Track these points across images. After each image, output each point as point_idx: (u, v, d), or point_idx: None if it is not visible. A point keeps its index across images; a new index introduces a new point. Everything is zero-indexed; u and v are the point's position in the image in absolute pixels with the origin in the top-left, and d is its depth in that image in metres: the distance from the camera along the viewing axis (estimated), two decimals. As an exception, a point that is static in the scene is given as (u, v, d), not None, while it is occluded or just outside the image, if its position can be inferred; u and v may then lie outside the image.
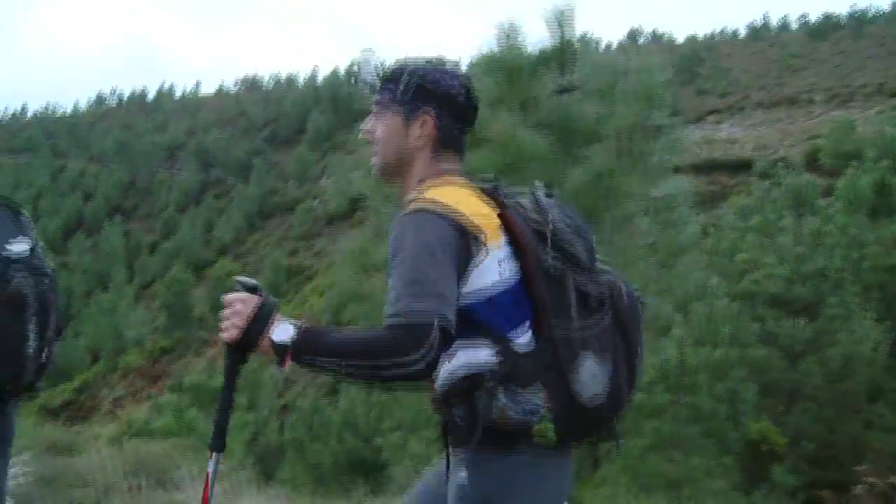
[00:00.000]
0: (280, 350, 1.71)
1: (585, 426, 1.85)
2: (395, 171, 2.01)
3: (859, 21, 63.68)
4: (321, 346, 1.69)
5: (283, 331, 1.72)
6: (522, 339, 1.84)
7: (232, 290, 1.80)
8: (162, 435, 9.33)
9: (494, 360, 1.80)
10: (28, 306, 2.18)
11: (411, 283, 1.70)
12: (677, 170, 6.44)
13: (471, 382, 1.80)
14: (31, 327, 2.19)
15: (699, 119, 48.56)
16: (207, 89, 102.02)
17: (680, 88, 52.98)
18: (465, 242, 1.78)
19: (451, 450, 1.95)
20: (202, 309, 40.36)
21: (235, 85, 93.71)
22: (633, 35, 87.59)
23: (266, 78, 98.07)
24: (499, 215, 1.87)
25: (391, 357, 1.64)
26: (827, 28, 64.43)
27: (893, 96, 41.95)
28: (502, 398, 1.78)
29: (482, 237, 1.80)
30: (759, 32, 72.25)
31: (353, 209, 49.61)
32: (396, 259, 1.75)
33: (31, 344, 2.18)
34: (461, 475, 1.86)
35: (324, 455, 11.41)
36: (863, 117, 38.93)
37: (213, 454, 1.93)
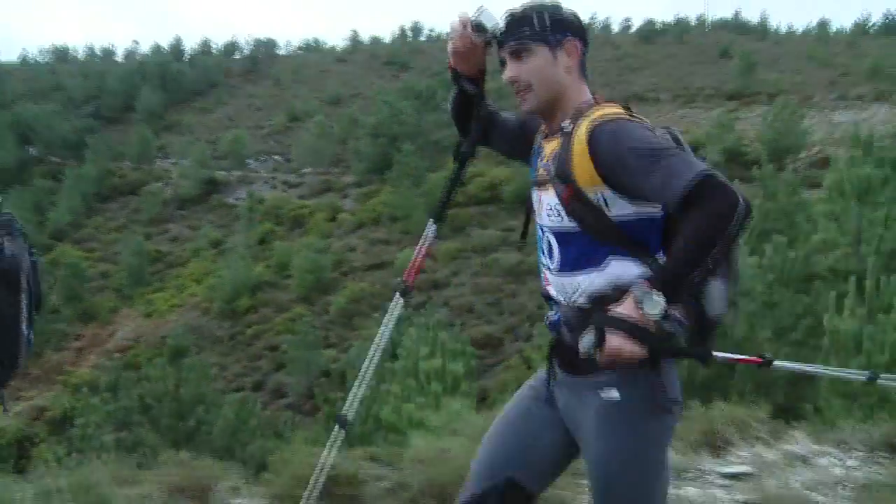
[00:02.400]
0: (665, 317, 1.81)
1: (706, 338, 2.01)
2: (550, 105, 2.08)
3: (680, 29, 68.89)
4: (680, 274, 1.81)
5: (653, 305, 1.80)
6: (664, 259, 1.97)
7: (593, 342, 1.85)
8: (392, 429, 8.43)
9: (641, 274, 1.93)
10: (21, 279, 1.85)
11: (676, 156, 1.85)
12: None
13: (621, 295, 1.88)
14: (24, 303, 1.87)
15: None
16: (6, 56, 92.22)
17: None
18: None
19: (580, 373, 2.02)
20: (55, 300, 36.85)
21: (42, 54, 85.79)
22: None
23: (80, 49, 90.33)
24: None
25: (728, 216, 1.76)
26: (651, 33, 69.09)
27: (730, 99, 45.84)
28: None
29: None
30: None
31: (206, 193, 47.42)
32: (637, 151, 1.87)
33: (25, 323, 1.87)
34: (611, 394, 1.96)
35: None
36: (706, 117, 42.44)
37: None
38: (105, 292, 38.73)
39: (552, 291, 2.12)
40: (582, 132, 1.95)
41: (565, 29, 2.06)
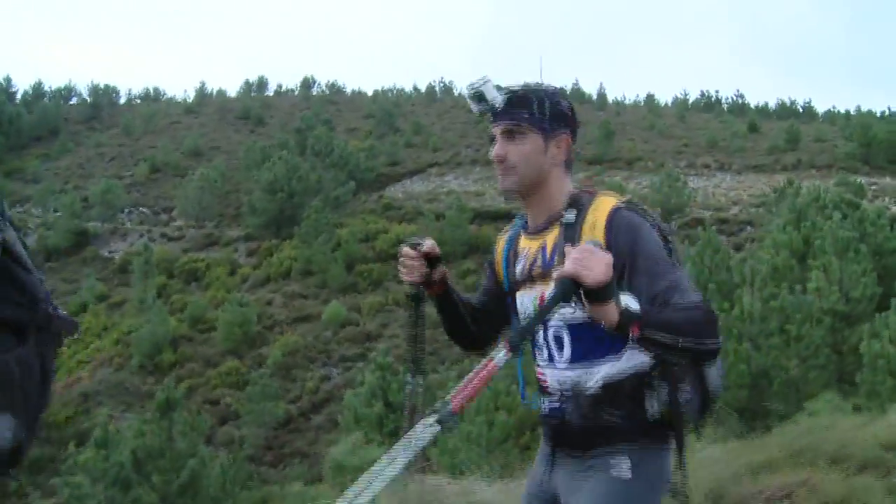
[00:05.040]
0: (629, 318, 1.74)
1: (707, 413, 2.10)
2: (530, 190, 2.12)
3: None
4: (660, 323, 1.78)
5: (632, 300, 1.77)
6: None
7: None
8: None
9: (654, 361, 1.98)
10: (54, 335, 1.45)
11: (681, 272, 1.95)
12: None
13: (638, 382, 1.99)
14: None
15: (421, 170, 52.61)
16: None
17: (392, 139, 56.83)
18: None
19: (588, 451, 2.04)
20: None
21: None
22: (307, 84, 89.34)
23: None
24: None
25: (713, 335, 1.86)
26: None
27: (591, 164, 50.07)
28: (665, 393, 1.97)
29: None
30: (433, 94, 79.26)
31: (77, 245, 45.28)
32: (653, 258, 1.94)
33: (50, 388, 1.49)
34: (622, 470, 1.98)
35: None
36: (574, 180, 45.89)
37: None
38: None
39: (551, 387, 2.15)
40: (600, 219, 1.99)
41: (562, 122, 2.11)
